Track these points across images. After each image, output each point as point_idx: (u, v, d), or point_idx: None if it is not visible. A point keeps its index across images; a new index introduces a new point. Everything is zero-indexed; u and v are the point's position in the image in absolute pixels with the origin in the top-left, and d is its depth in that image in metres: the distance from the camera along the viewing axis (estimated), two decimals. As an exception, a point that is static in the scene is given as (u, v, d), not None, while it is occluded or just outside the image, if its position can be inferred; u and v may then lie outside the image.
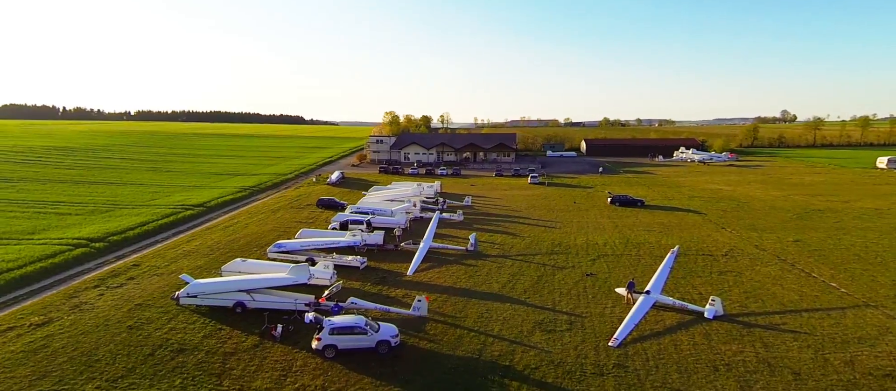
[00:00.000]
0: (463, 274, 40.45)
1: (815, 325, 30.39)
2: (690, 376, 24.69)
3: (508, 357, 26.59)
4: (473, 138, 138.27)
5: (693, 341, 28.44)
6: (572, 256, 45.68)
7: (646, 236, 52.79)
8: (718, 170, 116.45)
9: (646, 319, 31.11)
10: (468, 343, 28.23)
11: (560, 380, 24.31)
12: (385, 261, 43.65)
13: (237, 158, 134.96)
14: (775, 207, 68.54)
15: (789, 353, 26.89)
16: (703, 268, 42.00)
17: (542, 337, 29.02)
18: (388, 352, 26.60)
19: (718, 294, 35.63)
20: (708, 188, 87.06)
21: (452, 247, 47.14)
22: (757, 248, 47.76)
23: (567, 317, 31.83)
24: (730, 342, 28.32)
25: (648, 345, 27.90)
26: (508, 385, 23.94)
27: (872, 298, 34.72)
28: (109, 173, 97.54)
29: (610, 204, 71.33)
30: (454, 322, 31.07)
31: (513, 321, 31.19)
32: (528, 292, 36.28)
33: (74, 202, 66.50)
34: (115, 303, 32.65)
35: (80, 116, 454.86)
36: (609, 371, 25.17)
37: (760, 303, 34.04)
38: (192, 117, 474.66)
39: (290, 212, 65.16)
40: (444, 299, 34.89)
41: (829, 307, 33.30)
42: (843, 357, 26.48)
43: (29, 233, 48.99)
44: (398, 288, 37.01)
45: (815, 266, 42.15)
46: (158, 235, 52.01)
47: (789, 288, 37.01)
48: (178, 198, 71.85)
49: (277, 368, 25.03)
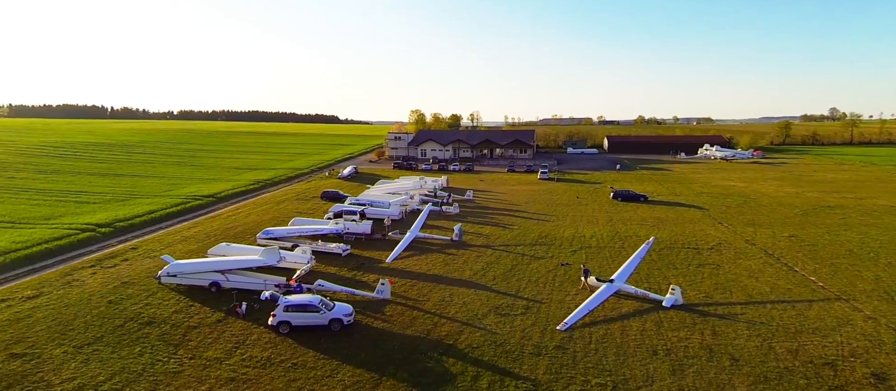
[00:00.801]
0: (440, 262, 41.42)
1: (774, 316, 30.13)
2: (626, 359, 25.05)
3: (454, 337, 27.46)
4: (490, 135, 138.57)
5: (643, 328, 28.67)
6: (554, 248, 46.02)
7: (636, 230, 52.53)
8: (739, 167, 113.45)
9: (603, 307, 31.49)
10: (420, 323, 29.24)
11: (496, 359, 25.05)
12: (369, 249, 44.99)
13: (262, 154, 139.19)
14: (783, 204, 66.79)
15: (735, 341, 26.86)
16: (684, 260, 41.75)
17: (494, 319, 29.75)
18: (340, 329, 27.86)
19: (690, 285, 35.63)
20: (720, 184, 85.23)
21: (437, 237, 48.17)
22: (746, 243, 47.00)
23: (525, 303, 32.43)
24: (679, 329, 28.44)
25: (596, 330, 28.30)
26: (445, 361, 24.85)
27: (847, 292, 34.01)
28: (136, 167, 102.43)
29: (612, 199, 70.93)
30: (414, 305, 32.11)
31: (472, 305, 32.01)
32: (497, 279, 36.99)
33: (96, 192, 70.48)
34: (104, 280, 35.03)
35: (127, 116, 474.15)
36: (547, 352, 25.76)
37: (727, 295, 33.83)
38: (231, 116, 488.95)
39: (294, 203, 67.38)
40: (411, 284, 35.97)
41: (798, 300, 32.84)
42: (789, 346, 26.30)
43: (45, 219, 52.51)
44: (373, 273, 38.24)
45: (801, 260, 41.34)
46: (163, 222, 54.83)
47: (764, 281, 36.55)
48: (192, 189, 75.17)
49: (232, 341, 26.63)
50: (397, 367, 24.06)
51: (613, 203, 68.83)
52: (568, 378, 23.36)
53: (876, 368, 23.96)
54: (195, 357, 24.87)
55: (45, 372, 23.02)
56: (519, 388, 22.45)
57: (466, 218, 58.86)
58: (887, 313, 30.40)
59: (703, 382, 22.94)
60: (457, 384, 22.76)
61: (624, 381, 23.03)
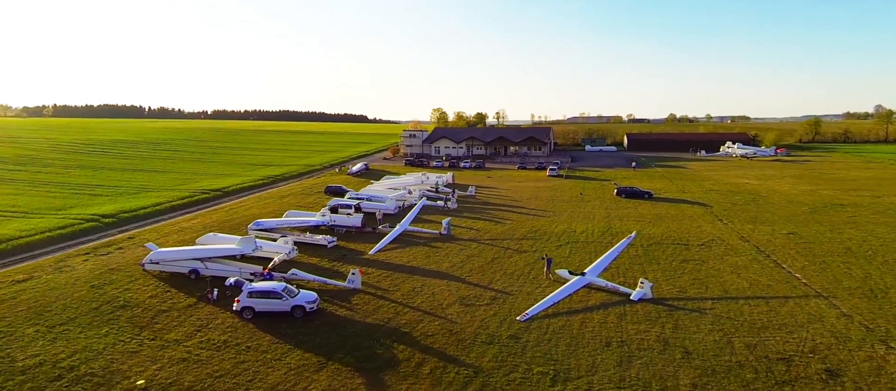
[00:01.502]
0: (422, 254, 41.77)
1: (744, 312, 29.45)
2: (577, 350, 24.93)
3: (413, 325, 27.77)
4: (504, 132, 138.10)
5: (604, 320, 28.42)
6: (541, 242, 45.83)
7: (630, 226, 51.75)
8: (759, 165, 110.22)
9: (571, 299, 31.32)
10: (382, 312, 29.66)
11: (446, 347, 25.26)
12: (357, 241, 45.67)
13: (281, 152, 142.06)
14: (793, 201, 64.74)
15: (695, 335, 26.40)
16: (670, 255, 41.05)
17: (457, 309, 29.94)
18: (302, 316, 28.50)
19: (667, 280, 35.12)
20: (733, 182, 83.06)
21: (426, 231, 48.53)
22: (740, 240, 45.86)
23: (494, 294, 32.50)
24: (641, 322, 28.09)
25: (556, 321, 28.20)
26: (394, 347, 25.19)
27: (830, 290, 32.95)
28: (157, 163, 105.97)
29: (616, 196, 70.01)
30: (383, 294, 32.56)
31: (440, 296, 32.26)
32: (474, 272, 37.12)
33: (111, 185, 73.37)
34: (93, 267, 36.62)
35: (163, 115, 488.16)
36: (500, 341, 25.82)
37: (702, 290, 33.18)
38: (263, 116, 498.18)
39: (298, 198, 68.73)
40: (386, 274, 36.45)
41: (774, 296, 31.99)
42: (749, 341, 25.72)
43: (56, 209, 55.03)
44: (354, 265, 38.78)
45: (792, 258, 40.16)
46: (166, 214, 56.76)
47: (746, 277, 35.69)
48: (203, 184, 77.43)
49: (196, 324, 27.56)
50: (346, 352, 24.54)
51: (616, 200, 67.93)
52: (512, 365, 23.42)
53: (833, 364, 23.26)
54: (156, 338, 25.86)
55: (12, 349, 24.32)
56: (459, 375, 22.62)
57: (462, 213, 59.08)
58: (864, 311, 29.37)
59: (648, 374, 22.68)
60: (399, 369, 23.09)
61: (566, 370, 22.96)
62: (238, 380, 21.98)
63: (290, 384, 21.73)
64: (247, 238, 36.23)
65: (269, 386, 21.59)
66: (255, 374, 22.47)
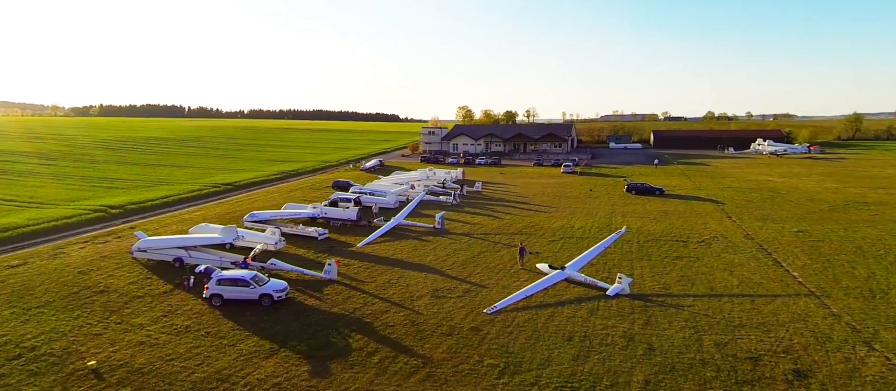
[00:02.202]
0: (409, 247, 41.52)
1: (724, 310, 28.10)
2: (535, 343, 24.22)
3: (377, 316, 27.54)
4: (523, 129, 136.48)
5: (573, 315, 27.57)
6: (535, 237, 44.96)
7: (632, 223, 50.28)
8: (788, 162, 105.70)
9: (547, 293, 30.55)
10: (351, 302, 29.53)
11: (403, 337, 24.92)
12: (350, 234, 45.76)
13: (303, 148, 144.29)
14: (813, 199, 61.73)
15: (664, 331, 25.31)
16: (664, 252, 39.62)
17: (426, 301, 29.56)
18: (270, 304, 28.64)
19: (653, 276, 33.93)
20: (754, 179, 79.83)
21: (420, 225, 48.29)
22: (744, 237, 43.94)
23: (468, 287, 31.98)
24: (611, 318, 27.12)
25: (523, 315, 27.49)
26: (351, 336, 25.00)
27: (825, 289, 31.15)
28: (181, 158, 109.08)
29: (626, 192, 68.21)
30: (357, 285, 32.46)
31: (413, 287, 31.94)
32: (456, 265, 36.64)
33: (130, 179, 75.82)
34: (87, 254, 37.75)
35: (201, 115, 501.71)
36: (460, 333, 25.32)
37: (687, 287, 31.85)
38: (297, 115, 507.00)
39: (306, 191, 69.49)
40: (367, 266, 36.35)
41: (763, 294, 30.45)
42: (720, 339, 24.48)
43: (71, 200, 57.15)
44: (339, 256, 38.91)
45: (794, 256, 38.19)
46: (173, 206, 58.19)
47: (738, 274, 34.11)
48: (218, 178, 79.19)
49: (164, 310, 28.01)
50: (302, 340, 24.48)
51: (626, 196, 66.17)
52: (464, 357, 22.91)
53: (804, 365, 21.89)
54: (123, 322, 26.39)
55: (-16, 329, 25.24)
56: (407, 364, 22.26)
57: (464, 208, 58.63)
58: (855, 311, 27.60)
59: (602, 369, 21.82)
60: (348, 358, 22.88)
61: (517, 363, 22.30)
62: (187, 363, 22.18)
63: (236, 369, 21.79)
64: (229, 227, 36.80)
65: (215, 370, 21.71)
66: (205, 359, 22.64)
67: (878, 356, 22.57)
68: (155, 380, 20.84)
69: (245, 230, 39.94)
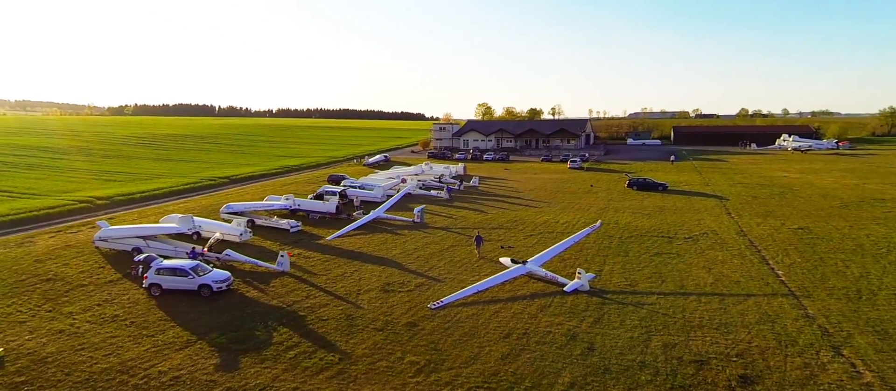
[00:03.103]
0: (379, 241, 40.25)
1: (687, 309, 25.92)
2: (469, 340, 22.60)
3: (314, 309, 26.31)
4: (535, 124, 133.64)
5: (522, 311, 25.81)
6: (514, 232, 43.18)
7: (622, 218, 48.01)
8: (811, 158, 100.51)
9: (503, 287, 28.87)
10: (293, 295, 28.38)
11: (331, 332, 23.61)
12: (326, 227, 44.76)
13: (315, 145, 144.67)
14: (827, 195, 58.00)
15: (612, 331, 23.36)
16: (645, 248, 37.33)
17: (372, 296, 28.20)
18: (209, 295, 27.74)
19: (623, 272, 31.87)
20: (768, 175, 75.83)
21: (400, 218, 47.01)
22: (737, 234, 41.21)
23: (423, 281, 30.51)
24: (560, 315, 25.28)
25: (468, 310, 25.87)
26: (277, 330, 23.82)
27: (807, 289, 28.57)
28: (191, 154, 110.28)
29: (627, 188, 65.52)
30: (308, 277, 31.32)
31: (365, 281, 30.63)
32: (420, 259, 35.19)
33: (131, 172, 76.65)
34: (53, 244, 37.60)
35: (231, 114, 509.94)
36: (394, 328, 23.88)
37: (656, 284, 29.67)
38: (324, 114, 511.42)
39: (301, 185, 68.91)
40: (327, 259, 35.22)
41: (736, 293, 28.09)
42: (671, 339, 22.41)
43: (62, 192, 57.80)
44: (304, 248, 37.95)
45: (785, 254, 35.45)
46: (163, 198, 58.24)
47: (716, 272, 31.70)
48: (218, 172, 79.48)
49: (100, 299, 27.35)
50: (223, 333, 23.40)
51: (625, 192, 63.51)
52: (386, 353, 21.47)
53: (755, 371, 19.71)
54: (53, 310, 25.81)
55: (-86, 314, 24.99)
56: (322, 361, 20.94)
57: (454, 203, 57.15)
58: (834, 312, 25.07)
59: (529, 369, 20.09)
60: (264, 352, 21.68)
61: (440, 361, 20.75)
62: (95, 353, 21.34)
63: (143, 361, 20.83)
64: (185, 217, 36.23)
65: (121, 361, 20.79)
66: (116, 349, 21.77)
67: (842, 362, 20.21)
68: (54, 369, 20.04)
69: (203, 220, 39.42)
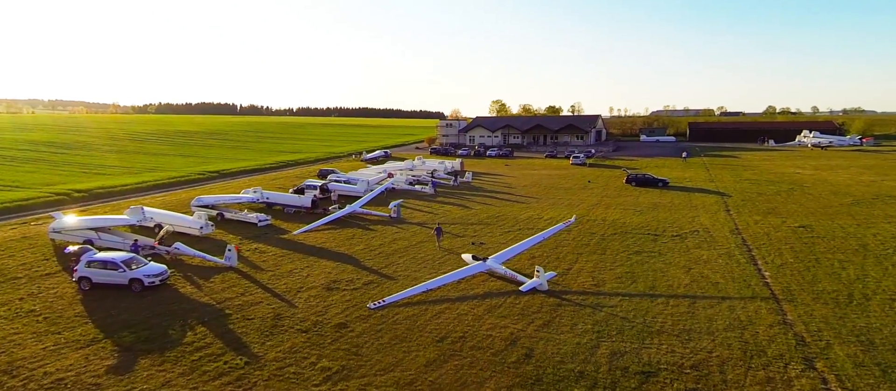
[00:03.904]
0: (347, 236, 38.30)
1: (650, 312, 23.35)
2: (397, 345, 20.44)
3: (243, 308, 24.35)
4: (543, 120, 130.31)
5: (469, 312, 23.54)
6: (492, 228, 40.87)
7: (608, 215, 45.31)
8: (830, 154, 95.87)
9: (457, 286, 26.64)
10: (229, 291, 26.52)
11: (249, 333, 21.62)
12: (297, 221, 43.02)
13: (320, 141, 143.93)
14: (839, 192, 54.30)
15: (558, 336, 20.96)
16: (626, 246, 34.68)
17: (313, 294, 26.22)
18: (140, 289, 26.11)
19: (593, 272, 29.38)
20: (780, 172, 71.94)
21: (376, 214, 45.08)
22: (731, 232, 38.23)
23: (374, 279, 28.44)
24: (509, 316, 22.95)
25: (409, 311, 23.69)
26: (192, 329, 21.92)
27: (793, 292, 25.73)
28: (193, 149, 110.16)
29: (625, 184, 62.51)
30: (252, 273, 29.50)
31: (312, 278, 28.67)
32: (381, 256, 33.10)
33: (126, 166, 76.32)
34: (10, 236, 36.46)
35: (252, 112, 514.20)
36: (320, 330, 21.83)
37: (625, 285, 27.10)
38: (343, 112, 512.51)
39: (290, 180, 67.45)
40: (282, 254, 33.37)
41: (710, 296, 25.39)
42: (622, 347, 19.94)
43: (47, 184, 57.31)
44: (265, 243, 36.23)
45: (778, 254, 32.49)
46: (144, 192, 57.27)
47: (696, 273, 28.96)
48: (210, 167, 78.66)
49: (25, 293, 25.87)
50: (134, 331, 21.61)
51: (622, 188, 60.53)
52: (300, 358, 19.42)
53: (709, 385, 17.17)
54: (-27, 304, 24.47)
55: None
56: (226, 364, 18.97)
57: (440, 198, 55.09)
58: (817, 319, 22.25)
59: (451, 378, 17.85)
60: (168, 353, 19.81)
61: (355, 368, 18.63)
62: (-12, 352, 19.80)
63: (34, 360, 19.11)
64: (135, 208, 34.81)
65: (12, 360, 19.12)
66: (14, 347, 20.13)
67: (812, 377, 17.52)
68: (-66, 369, 18.52)
69: (158, 210, 38.15)
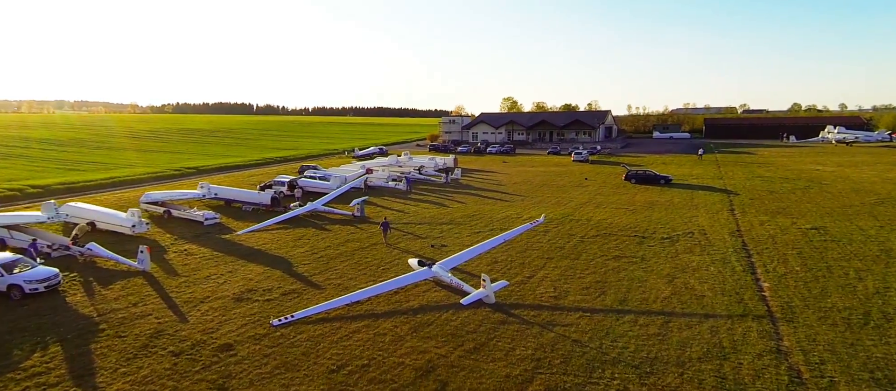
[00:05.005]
0: (294, 237, 34.30)
1: (612, 333, 18.86)
2: (281, 374, 16.31)
3: (124, 322, 20.41)
4: (548, 116, 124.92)
5: (390, 332, 19.33)
6: (462, 228, 36.60)
7: (600, 214, 40.63)
8: (856, 150, 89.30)
9: (390, 297, 22.46)
10: (123, 300, 22.64)
11: (109, 355, 17.65)
12: (250, 219, 39.29)
13: (319, 139, 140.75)
14: (861, 190, 48.75)
15: (488, 365, 16.63)
16: (607, 250, 30.10)
17: (217, 305, 22.22)
18: (19, 297, 22.44)
19: (561, 280, 24.97)
20: (798, 168, 66.14)
21: (339, 212, 41.12)
22: (730, 235, 33.34)
23: (298, 287, 24.41)
24: (436, 337, 18.69)
25: (319, 329, 19.55)
26: (46, 350, 17.97)
27: (793, 310, 20.99)
28: (187, 146, 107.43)
29: (624, 181, 57.57)
30: (164, 278, 25.68)
31: (226, 286, 24.61)
32: (320, 260, 29.02)
33: (106, 163, 73.62)
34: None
35: (267, 112, 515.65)
36: (197, 352, 17.84)
37: (590, 298, 22.61)
38: (358, 112, 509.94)
39: (269, 175, 63.99)
40: (210, 256, 29.51)
41: (690, 312, 20.79)
42: (559, 382, 15.54)
43: (8, 180, 54.57)
44: (199, 243, 32.47)
45: (783, 261, 27.63)
46: (109, 188, 53.85)
47: (680, 283, 24.32)
48: (194, 163, 75.66)
49: None
50: (-24, 351, 17.95)
51: (620, 185, 55.60)
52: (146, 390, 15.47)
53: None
54: None
55: None
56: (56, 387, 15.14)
57: (417, 195, 50.95)
58: (820, 346, 17.57)
59: (323, 426, 13.70)
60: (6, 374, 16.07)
61: (208, 408, 14.59)
62: None
63: None
64: (48, 204, 31.39)
65: None
66: None
67: (805, 434, 12.95)
68: None
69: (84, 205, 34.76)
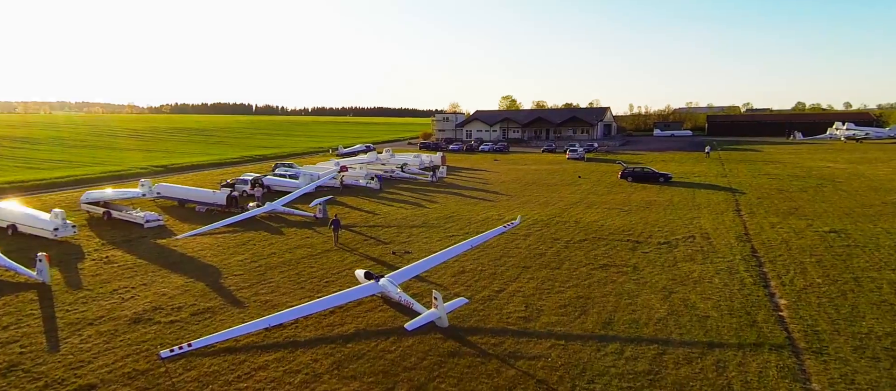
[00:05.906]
0: (238, 242, 30.12)
1: (589, 368, 14.75)
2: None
3: None
4: (545, 113, 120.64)
5: (306, 368, 15.20)
6: (434, 231, 32.52)
7: (590, 215, 36.50)
8: (866, 147, 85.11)
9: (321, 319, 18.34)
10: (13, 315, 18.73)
11: (-62, 401, 13.72)
12: (202, 221, 35.25)
13: (308, 138, 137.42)
14: (879, 188, 44.55)
15: (416, 420, 12.50)
16: (594, 257, 25.95)
17: (101, 330, 18.02)
18: None
19: (536, 295, 20.81)
20: (809, 165, 61.94)
21: (300, 213, 37.11)
22: (737, 239, 29.13)
23: (213, 304, 20.28)
24: (361, 379, 14.55)
25: (218, 363, 15.41)
26: None
27: (820, 336, 16.85)
28: (170, 145, 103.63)
29: (620, 179, 53.37)
30: (59, 292, 21.57)
31: (129, 303, 20.42)
32: (255, 271, 24.75)
33: (78, 161, 70.13)
34: None
35: (266, 112, 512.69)
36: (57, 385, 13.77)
37: (569, 317, 18.46)
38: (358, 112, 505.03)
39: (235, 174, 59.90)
40: (132, 264, 25.43)
41: (690, 341, 16.63)
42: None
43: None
44: (126, 249, 28.41)
45: (801, 271, 23.42)
46: (85, 184, 50.16)
47: (679, 299, 20.16)
48: (163, 161, 71.93)
49: None
50: None
51: (615, 184, 51.39)
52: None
53: None
54: None
55: None
56: None
57: (393, 193, 46.85)
58: (860, 388, 13.35)
59: None
60: None
61: None
62: None
63: None
64: None
65: None
66: None
67: None
68: None
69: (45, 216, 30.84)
